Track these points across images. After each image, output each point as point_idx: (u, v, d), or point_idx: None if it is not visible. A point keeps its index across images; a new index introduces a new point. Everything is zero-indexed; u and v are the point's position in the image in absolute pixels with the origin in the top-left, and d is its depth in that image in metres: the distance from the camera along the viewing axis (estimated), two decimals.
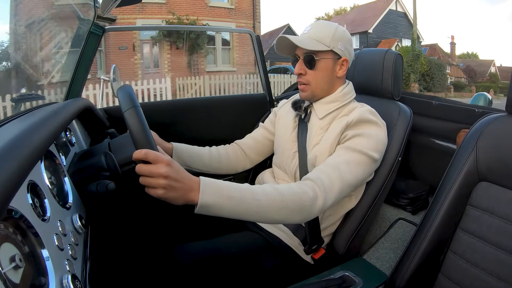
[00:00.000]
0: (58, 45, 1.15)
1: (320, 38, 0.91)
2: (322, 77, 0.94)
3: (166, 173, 0.60)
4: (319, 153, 0.91)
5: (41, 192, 0.53)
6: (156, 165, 0.60)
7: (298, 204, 0.72)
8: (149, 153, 0.60)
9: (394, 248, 1.16)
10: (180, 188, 0.62)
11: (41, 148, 0.50)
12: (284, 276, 0.92)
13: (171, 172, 0.61)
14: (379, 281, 0.87)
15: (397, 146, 0.99)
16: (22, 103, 1.04)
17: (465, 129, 1.09)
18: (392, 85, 1.10)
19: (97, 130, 1.13)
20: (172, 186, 0.61)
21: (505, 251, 0.68)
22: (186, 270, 0.82)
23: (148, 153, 0.60)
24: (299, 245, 0.95)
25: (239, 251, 0.90)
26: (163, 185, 0.60)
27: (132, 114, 0.63)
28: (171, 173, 0.61)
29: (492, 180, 0.74)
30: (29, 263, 0.42)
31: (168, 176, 0.60)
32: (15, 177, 0.38)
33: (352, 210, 0.99)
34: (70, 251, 0.53)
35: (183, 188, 0.62)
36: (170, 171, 0.61)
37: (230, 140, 1.20)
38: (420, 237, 0.80)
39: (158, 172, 0.60)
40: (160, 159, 0.61)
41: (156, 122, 1.09)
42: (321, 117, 0.96)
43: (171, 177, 0.61)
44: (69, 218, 0.61)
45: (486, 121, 0.79)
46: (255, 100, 1.61)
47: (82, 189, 0.72)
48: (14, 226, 0.43)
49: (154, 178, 0.60)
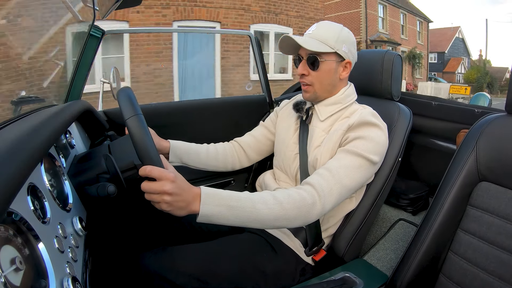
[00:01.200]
0: (58, 47, 1.15)
1: (325, 40, 0.91)
2: (325, 79, 0.94)
3: (170, 190, 0.62)
4: (320, 155, 0.91)
5: (41, 194, 0.53)
6: (161, 182, 0.62)
7: (297, 211, 0.74)
8: (153, 170, 0.62)
9: (395, 248, 1.16)
10: (183, 202, 0.64)
11: (41, 150, 0.50)
12: (285, 277, 0.92)
13: (175, 189, 0.63)
14: (380, 282, 0.87)
15: (397, 147, 0.99)
16: (22, 106, 1.04)
17: (465, 129, 1.09)
18: (391, 86, 1.11)
19: (97, 132, 1.13)
20: (176, 201, 0.63)
21: (506, 251, 0.68)
22: (185, 271, 0.82)
23: (153, 170, 0.62)
24: (300, 247, 0.95)
25: (240, 253, 0.90)
26: (168, 201, 0.63)
27: (135, 123, 0.62)
28: (175, 189, 0.63)
29: (492, 180, 0.74)
30: (29, 265, 0.42)
31: (173, 192, 0.62)
32: (15, 179, 0.38)
33: (352, 211, 0.99)
34: (70, 253, 0.53)
35: (186, 201, 0.65)
36: (174, 187, 0.63)
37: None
38: (421, 238, 0.80)
39: (162, 190, 0.62)
40: (164, 176, 0.62)
41: (156, 124, 1.09)
42: (323, 119, 0.96)
43: (175, 193, 0.63)
44: (69, 220, 0.60)
45: (486, 121, 0.79)
46: (255, 101, 1.61)
47: (82, 192, 0.71)
48: (15, 229, 0.42)
49: (159, 195, 0.63)
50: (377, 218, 1.35)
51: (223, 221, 0.69)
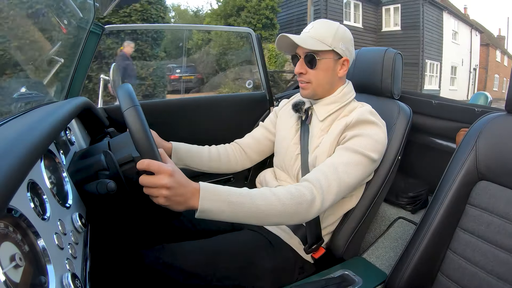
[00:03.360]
0: (58, 44, 1.15)
1: (322, 38, 0.91)
2: (323, 77, 0.94)
3: (168, 183, 0.62)
4: (319, 154, 0.91)
5: (41, 191, 0.53)
6: (159, 176, 0.62)
7: (296, 207, 0.73)
8: (151, 164, 0.61)
9: (394, 247, 1.16)
10: (182, 196, 0.64)
11: (41, 147, 0.50)
12: (284, 275, 0.92)
13: (173, 183, 0.62)
14: (378, 280, 0.87)
15: (396, 145, 0.99)
16: (22, 102, 1.04)
17: (465, 128, 1.09)
18: (391, 84, 1.10)
19: (97, 129, 1.13)
20: (174, 195, 0.63)
21: (505, 250, 0.69)
22: (185, 268, 0.82)
23: (151, 164, 0.61)
24: (299, 244, 0.96)
25: (239, 250, 0.90)
26: (166, 195, 0.62)
27: (132, 114, 0.62)
28: (173, 183, 0.62)
29: (492, 179, 0.74)
30: (29, 262, 0.42)
31: (171, 186, 0.62)
32: (15, 176, 0.38)
33: (351, 209, 0.99)
34: (70, 250, 0.53)
35: (184, 195, 0.64)
36: (172, 181, 0.62)
37: (230, 138, 1.20)
38: (420, 236, 0.80)
39: (160, 183, 0.61)
40: (162, 170, 0.62)
41: (156, 121, 1.09)
42: (322, 119, 0.96)
43: (173, 187, 0.62)
44: (69, 217, 0.60)
45: (485, 120, 0.79)
46: (255, 99, 1.61)
47: (81, 188, 0.71)
48: (14, 225, 0.42)
49: (157, 188, 0.62)
50: (376, 216, 1.36)
51: (222, 217, 0.68)
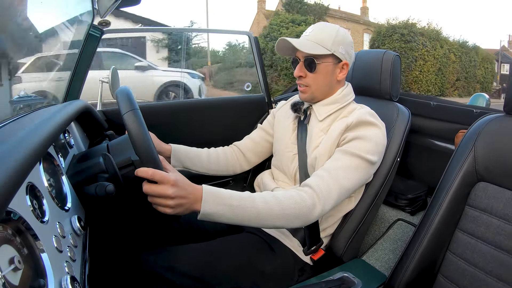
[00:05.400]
0: (57, 46, 1.15)
1: (321, 42, 0.91)
2: (322, 80, 0.94)
3: (173, 194, 0.63)
4: (319, 155, 0.91)
5: (40, 194, 0.53)
6: (163, 186, 0.63)
7: (297, 212, 0.74)
8: (155, 174, 0.62)
9: (393, 248, 1.16)
10: (186, 203, 0.65)
11: (40, 149, 0.50)
12: (284, 277, 0.92)
13: (177, 192, 0.63)
14: (378, 282, 0.87)
15: (395, 147, 0.99)
16: (20, 105, 1.04)
17: (463, 129, 1.09)
18: (390, 86, 1.11)
19: (96, 132, 1.13)
20: (178, 204, 0.64)
21: (504, 251, 0.69)
22: (185, 271, 0.82)
23: (155, 174, 0.62)
24: (298, 246, 0.95)
25: (239, 252, 0.90)
26: (171, 205, 0.64)
27: (131, 117, 0.63)
28: (177, 193, 0.63)
29: (491, 180, 0.74)
30: (28, 265, 0.42)
31: (176, 196, 0.63)
32: (14, 178, 0.38)
33: (351, 211, 0.99)
34: (69, 253, 0.53)
35: (188, 201, 0.66)
36: (177, 191, 0.63)
37: (228, 141, 1.20)
38: (419, 238, 0.80)
39: (165, 194, 0.63)
40: (166, 180, 0.63)
41: (155, 123, 1.09)
42: (321, 119, 0.96)
43: (178, 196, 0.63)
44: (68, 220, 0.60)
45: (484, 122, 0.79)
46: (254, 101, 1.61)
47: (80, 191, 0.71)
48: (13, 228, 0.42)
49: (162, 198, 0.63)
50: (376, 218, 1.36)
51: (224, 220, 0.69)
